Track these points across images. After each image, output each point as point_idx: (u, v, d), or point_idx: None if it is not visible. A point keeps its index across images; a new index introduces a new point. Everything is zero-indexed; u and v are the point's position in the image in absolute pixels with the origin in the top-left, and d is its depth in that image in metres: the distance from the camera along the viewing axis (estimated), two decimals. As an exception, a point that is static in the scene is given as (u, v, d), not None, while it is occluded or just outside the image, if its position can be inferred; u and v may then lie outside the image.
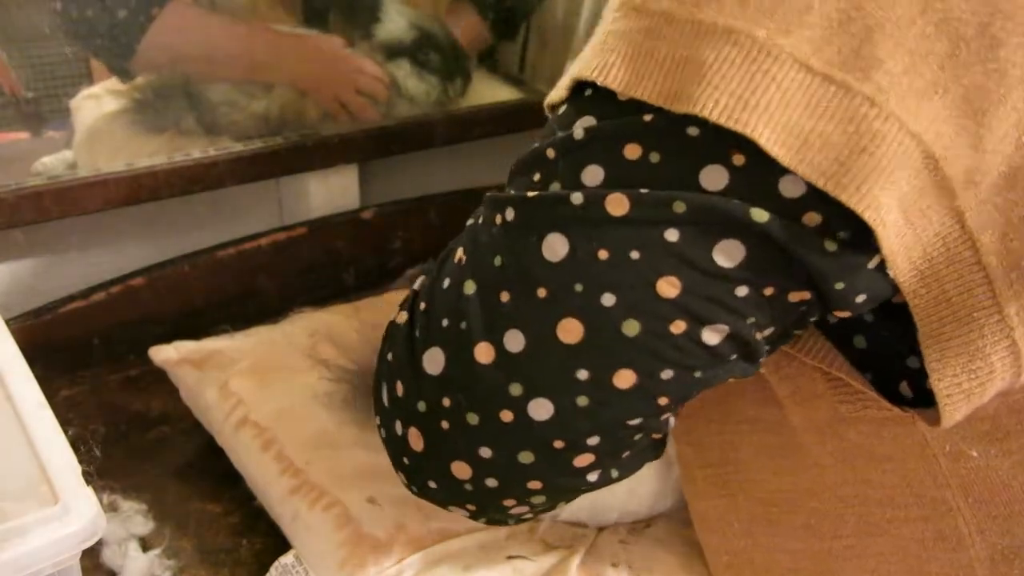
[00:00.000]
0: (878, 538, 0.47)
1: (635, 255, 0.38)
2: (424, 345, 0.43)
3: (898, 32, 0.35)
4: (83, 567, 0.48)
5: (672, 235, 0.38)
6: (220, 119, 0.89)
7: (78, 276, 0.89)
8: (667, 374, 0.40)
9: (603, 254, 0.38)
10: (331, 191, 0.99)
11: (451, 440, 0.43)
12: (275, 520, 0.67)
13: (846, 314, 0.40)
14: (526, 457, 0.42)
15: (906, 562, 0.47)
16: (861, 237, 0.37)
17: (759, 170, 0.37)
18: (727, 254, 0.38)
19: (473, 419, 0.42)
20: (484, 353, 0.41)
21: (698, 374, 0.41)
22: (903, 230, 0.37)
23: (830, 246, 0.37)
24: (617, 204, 0.38)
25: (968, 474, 0.44)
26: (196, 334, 0.91)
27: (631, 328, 0.39)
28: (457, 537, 0.63)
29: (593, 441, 0.42)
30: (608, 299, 0.38)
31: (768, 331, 0.41)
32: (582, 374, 0.40)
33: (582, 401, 0.40)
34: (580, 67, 0.41)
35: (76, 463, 0.47)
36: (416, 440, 0.44)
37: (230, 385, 0.74)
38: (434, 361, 0.43)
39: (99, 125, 0.86)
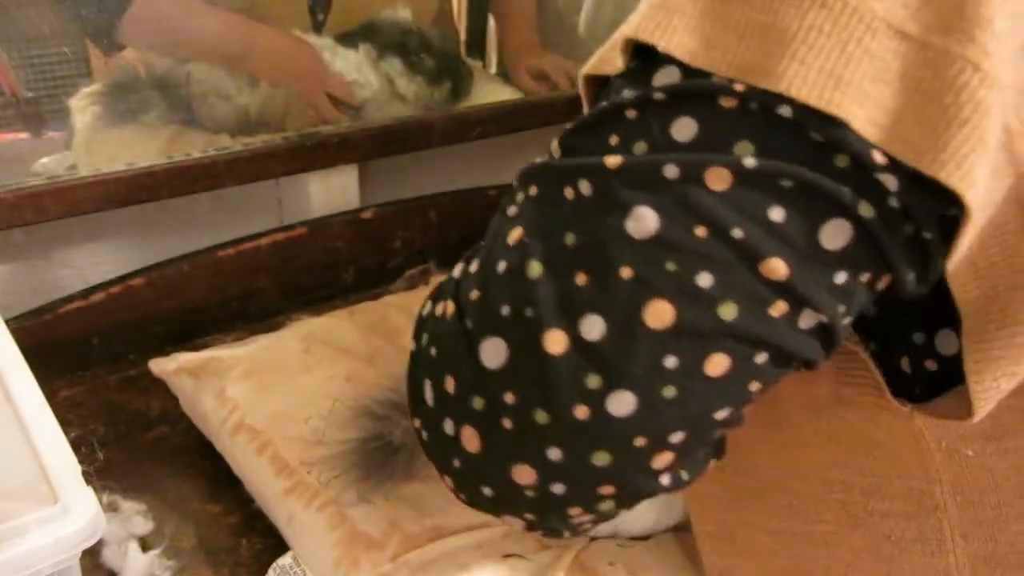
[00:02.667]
0: (856, 530, 0.46)
1: (738, 233, 0.34)
2: (480, 336, 0.39)
3: None
4: (83, 567, 0.48)
5: (777, 214, 0.34)
6: (197, 111, 0.89)
7: (78, 276, 0.89)
8: (761, 358, 0.37)
9: (700, 231, 0.35)
10: (331, 191, 0.99)
11: (514, 441, 0.39)
12: (272, 521, 0.67)
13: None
14: (601, 458, 0.38)
15: (877, 564, 0.46)
16: (943, 223, 0.34)
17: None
18: (832, 237, 0.35)
19: (542, 417, 0.37)
20: (556, 342, 0.36)
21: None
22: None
23: (926, 233, 0.35)
24: (718, 178, 0.34)
25: (961, 471, 0.43)
26: (196, 334, 0.91)
27: (728, 311, 0.35)
28: (453, 535, 0.63)
29: (676, 437, 0.38)
30: (705, 279, 0.35)
31: (847, 320, 0.38)
32: (670, 361, 0.36)
33: (669, 392, 0.36)
34: (635, 27, 0.37)
35: (76, 463, 0.47)
36: (471, 441, 0.40)
37: (226, 391, 0.74)
38: (494, 353, 0.38)
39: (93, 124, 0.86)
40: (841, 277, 0.36)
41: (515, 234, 0.40)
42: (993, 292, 0.37)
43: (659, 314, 0.35)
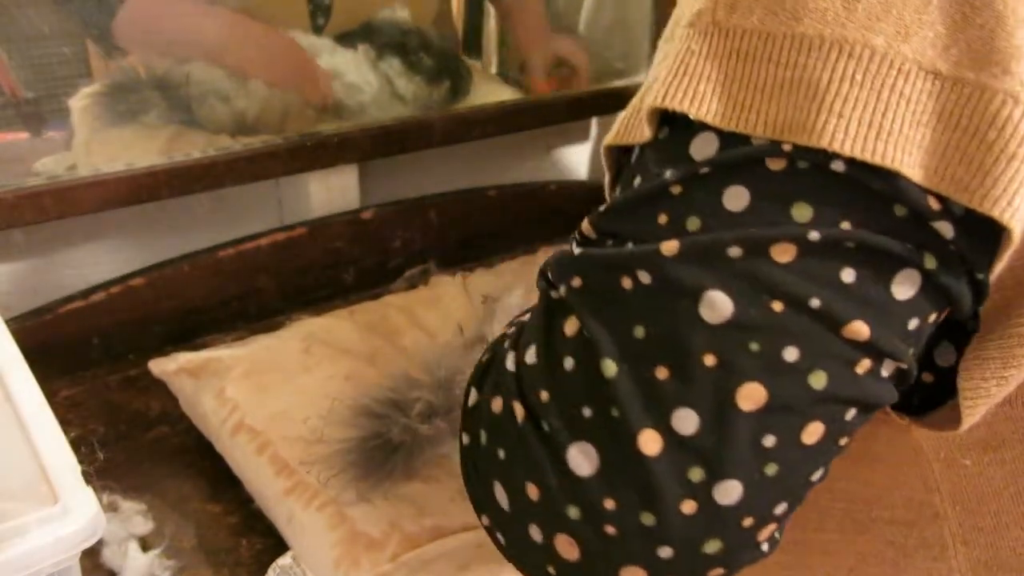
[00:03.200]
0: (860, 536, 0.46)
1: (815, 302, 0.34)
2: (566, 442, 0.37)
3: None
4: (83, 567, 0.48)
5: (848, 275, 0.34)
6: (197, 112, 0.89)
7: (78, 276, 0.89)
8: (851, 414, 0.36)
9: (777, 306, 0.34)
10: (331, 191, 0.99)
11: (620, 545, 0.37)
12: (272, 521, 0.67)
13: None
14: (712, 546, 0.36)
15: (881, 568, 0.46)
16: (988, 248, 0.35)
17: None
18: (903, 288, 0.34)
19: (648, 519, 0.36)
20: (651, 442, 0.35)
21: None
22: None
23: (979, 274, 0.35)
24: (783, 251, 0.34)
25: (960, 481, 0.43)
26: (196, 334, 0.91)
27: (819, 380, 0.35)
28: (452, 535, 0.63)
29: (780, 509, 0.37)
30: (791, 353, 0.34)
31: (915, 355, 0.38)
32: (769, 440, 0.35)
33: (771, 470, 0.36)
34: (658, 95, 0.36)
35: (76, 463, 0.47)
36: (568, 549, 0.38)
37: (226, 392, 0.74)
38: (584, 459, 0.36)
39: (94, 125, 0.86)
40: (913, 323, 0.36)
41: (570, 326, 0.38)
42: (1003, 300, 0.37)
43: (751, 396, 0.34)
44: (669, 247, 0.35)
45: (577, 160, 1.27)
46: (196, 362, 0.78)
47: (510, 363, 0.40)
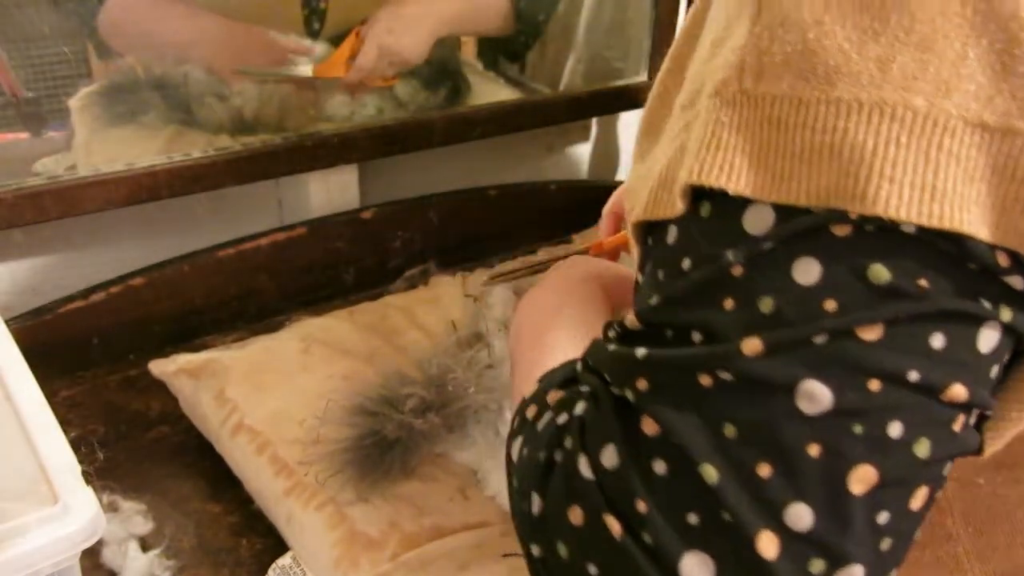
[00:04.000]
0: None
1: (913, 375, 0.33)
2: (677, 555, 0.35)
3: None
4: (83, 567, 0.48)
5: (938, 341, 0.33)
6: (195, 112, 0.89)
7: (78, 276, 0.89)
8: (947, 468, 0.36)
9: (875, 385, 0.33)
10: (331, 191, 0.99)
11: None
12: (272, 521, 0.67)
13: None
14: None
15: None
16: None
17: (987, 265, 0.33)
18: (987, 342, 0.34)
19: None
20: (768, 543, 0.34)
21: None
22: None
23: None
24: (869, 331, 0.33)
25: (973, 501, 0.43)
26: (196, 334, 0.91)
27: (923, 448, 0.34)
28: (452, 535, 0.63)
29: (893, 572, 0.37)
30: (895, 429, 0.34)
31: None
32: (883, 517, 0.34)
33: (886, 544, 0.35)
34: (692, 170, 0.35)
35: (76, 463, 0.47)
36: None
37: (226, 392, 0.74)
38: (700, 569, 0.35)
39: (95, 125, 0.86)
40: (995, 371, 0.36)
41: (649, 427, 0.36)
42: None
43: (863, 479, 0.34)
44: (751, 347, 0.34)
45: (577, 160, 1.27)
46: (196, 363, 0.78)
47: (585, 469, 0.38)
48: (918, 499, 0.35)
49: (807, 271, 0.34)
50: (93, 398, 0.83)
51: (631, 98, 1.19)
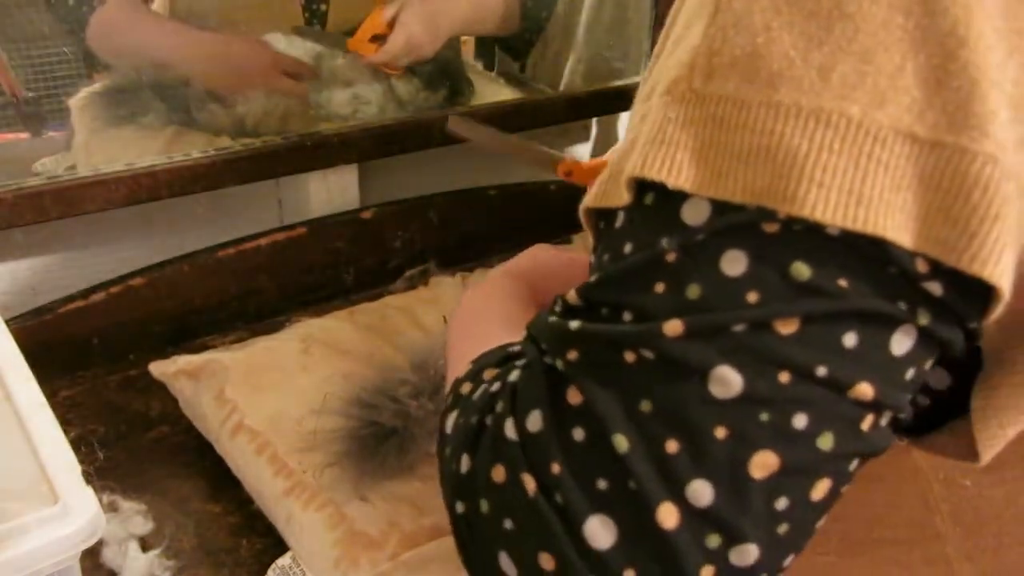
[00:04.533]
0: (859, 558, 0.46)
1: (821, 371, 0.35)
2: (583, 515, 0.37)
3: (999, 79, 0.33)
4: (83, 567, 0.48)
5: (850, 340, 0.35)
6: (197, 116, 0.89)
7: (78, 276, 0.89)
8: (854, 465, 0.38)
9: (784, 377, 0.35)
10: (331, 191, 0.99)
11: None
12: (272, 522, 0.67)
13: None
14: None
15: None
16: (979, 301, 0.35)
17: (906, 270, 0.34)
18: (900, 344, 0.35)
19: None
20: (668, 515, 0.36)
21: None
22: None
23: (971, 324, 0.36)
24: (786, 324, 0.34)
25: (960, 502, 0.43)
26: (196, 334, 0.91)
27: (826, 441, 0.36)
28: (451, 534, 0.63)
29: (788, 560, 0.39)
30: (800, 420, 0.35)
31: (911, 398, 0.39)
32: (781, 503, 0.36)
33: (783, 529, 0.37)
34: (636, 163, 0.36)
35: (76, 463, 0.47)
36: None
37: (225, 392, 0.74)
38: (603, 532, 0.37)
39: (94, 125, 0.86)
40: (911, 373, 0.36)
41: (574, 396, 0.38)
42: (1005, 342, 0.37)
43: (764, 464, 0.35)
44: (672, 328, 0.35)
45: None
46: (195, 364, 0.78)
47: (511, 431, 0.40)
48: (819, 490, 0.37)
49: (734, 263, 0.35)
50: (93, 398, 0.83)
51: (631, 98, 1.19)
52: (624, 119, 1.28)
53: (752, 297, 0.35)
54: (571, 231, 1.11)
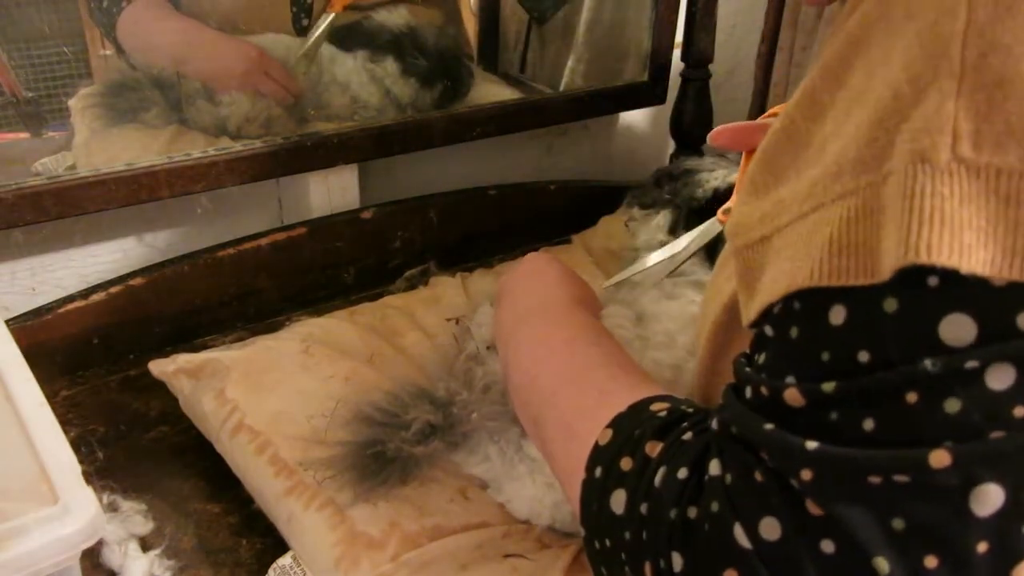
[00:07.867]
0: None
1: None
2: None
3: None
4: (83, 567, 0.48)
5: None
6: (187, 112, 0.89)
7: (78, 276, 0.89)
8: None
9: None
10: (331, 191, 0.99)
11: None
12: (272, 521, 0.67)
13: None
14: None
15: None
16: None
17: None
18: None
19: None
20: None
21: None
22: None
23: None
24: None
25: None
26: (196, 334, 0.91)
27: None
28: (453, 535, 0.63)
29: None
30: None
31: None
32: None
33: None
34: (919, 248, 0.32)
35: (76, 463, 0.47)
36: None
37: (226, 392, 0.74)
38: None
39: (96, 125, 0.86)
40: None
41: (813, 508, 0.36)
42: None
43: None
44: (939, 459, 0.33)
45: (577, 160, 1.27)
46: (195, 363, 0.78)
47: (742, 538, 0.38)
48: None
49: (1001, 377, 0.32)
50: (93, 398, 0.83)
51: (631, 98, 1.19)
52: (624, 119, 1.28)
53: (1020, 412, 0.32)
54: (571, 231, 1.11)
